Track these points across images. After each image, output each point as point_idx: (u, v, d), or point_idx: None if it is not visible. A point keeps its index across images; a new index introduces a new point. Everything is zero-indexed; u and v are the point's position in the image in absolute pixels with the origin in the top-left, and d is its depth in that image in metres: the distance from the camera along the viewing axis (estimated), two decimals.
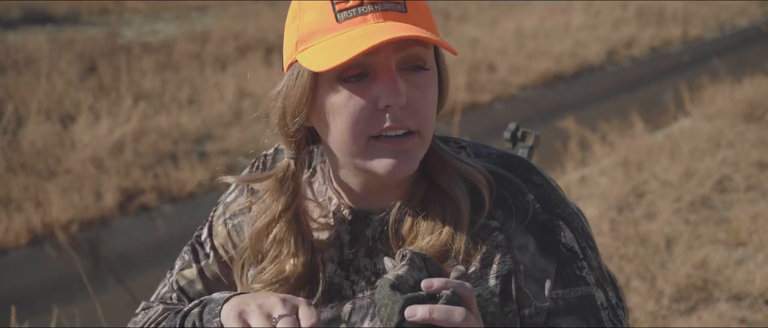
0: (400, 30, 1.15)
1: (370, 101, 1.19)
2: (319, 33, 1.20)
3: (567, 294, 1.25)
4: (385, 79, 1.18)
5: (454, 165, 1.27)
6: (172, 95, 7.34)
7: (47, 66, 7.51)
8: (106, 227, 5.13)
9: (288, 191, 1.30)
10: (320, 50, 1.18)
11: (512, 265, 1.24)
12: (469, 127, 7.06)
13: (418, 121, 1.21)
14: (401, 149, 1.20)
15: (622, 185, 5.23)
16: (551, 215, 1.26)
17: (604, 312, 1.27)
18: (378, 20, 1.18)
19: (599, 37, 10.31)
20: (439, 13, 11.70)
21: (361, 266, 1.30)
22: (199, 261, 1.43)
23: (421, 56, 1.21)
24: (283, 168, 1.31)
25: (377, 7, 1.18)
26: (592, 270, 1.28)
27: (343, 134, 1.21)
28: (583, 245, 1.28)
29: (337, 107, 1.20)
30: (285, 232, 1.30)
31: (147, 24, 11.40)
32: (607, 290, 1.30)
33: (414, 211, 1.27)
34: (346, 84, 1.19)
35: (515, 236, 1.25)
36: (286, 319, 1.12)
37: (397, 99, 1.18)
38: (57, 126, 6.18)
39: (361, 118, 1.19)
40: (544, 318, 1.25)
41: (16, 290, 4.55)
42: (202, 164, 5.88)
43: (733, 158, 5.73)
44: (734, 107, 7.02)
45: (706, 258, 4.13)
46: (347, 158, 1.24)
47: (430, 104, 1.22)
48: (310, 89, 1.22)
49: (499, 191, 1.27)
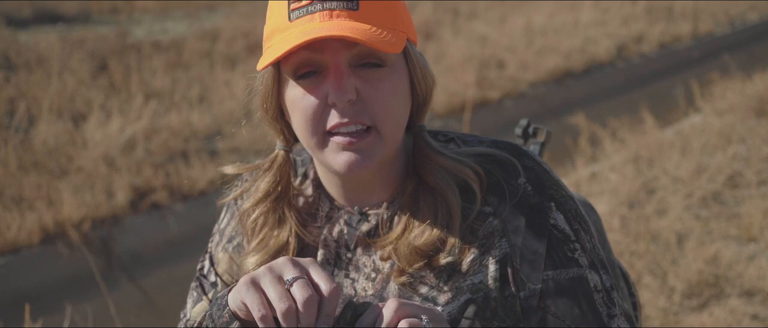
0: (338, 29, 1.17)
1: (321, 97, 1.22)
2: (276, 32, 1.24)
3: (558, 275, 1.25)
4: (332, 76, 1.21)
5: (439, 162, 1.29)
6: (183, 94, 7.36)
7: (58, 65, 7.54)
8: (117, 225, 5.15)
9: (274, 178, 1.35)
10: (272, 48, 1.22)
11: (508, 248, 1.26)
12: (479, 124, 7.06)
13: (372, 117, 1.22)
14: (356, 147, 1.22)
15: (632, 181, 5.22)
16: (543, 197, 1.27)
17: (598, 295, 1.27)
18: (324, 19, 1.20)
19: (608, 33, 10.28)
20: (448, 11, 11.68)
21: (360, 263, 1.32)
22: (206, 293, 1.45)
23: (374, 54, 1.22)
24: (272, 157, 1.37)
25: (326, 5, 1.21)
26: (586, 252, 1.28)
27: (301, 129, 1.25)
28: (576, 227, 1.28)
29: (295, 103, 1.25)
30: (268, 210, 1.35)
31: (157, 23, 11.43)
32: (602, 274, 1.29)
33: (406, 207, 1.29)
34: (300, 81, 1.23)
35: (509, 219, 1.26)
36: (300, 282, 1.09)
37: (340, 95, 1.20)
38: (68, 125, 6.21)
39: (315, 114, 1.23)
40: (537, 300, 1.25)
41: (29, 288, 4.58)
42: (213, 162, 5.90)
43: (744, 154, 5.72)
44: (745, 102, 6.99)
45: (718, 254, 4.12)
46: (312, 153, 1.28)
47: (385, 100, 1.23)
48: (273, 86, 1.27)
49: (491, 176, 1.28)
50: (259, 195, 1.36)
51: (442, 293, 1.26)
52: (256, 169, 1.39)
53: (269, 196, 1.35)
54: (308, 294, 1.07)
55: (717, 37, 11.26)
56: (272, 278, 1.10)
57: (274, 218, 1.35)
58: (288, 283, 1.09)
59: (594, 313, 1.26)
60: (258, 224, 1.36)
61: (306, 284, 1.08)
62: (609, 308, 1.28)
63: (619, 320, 1.28)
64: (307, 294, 1.07)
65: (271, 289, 1.09)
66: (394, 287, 1.28)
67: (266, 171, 1.36)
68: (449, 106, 7.46)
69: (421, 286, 1.27)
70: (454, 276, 1.26)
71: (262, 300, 1.09)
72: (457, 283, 1.26)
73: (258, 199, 1.36)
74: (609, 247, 1.64)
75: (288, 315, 1.07)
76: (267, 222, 1.35)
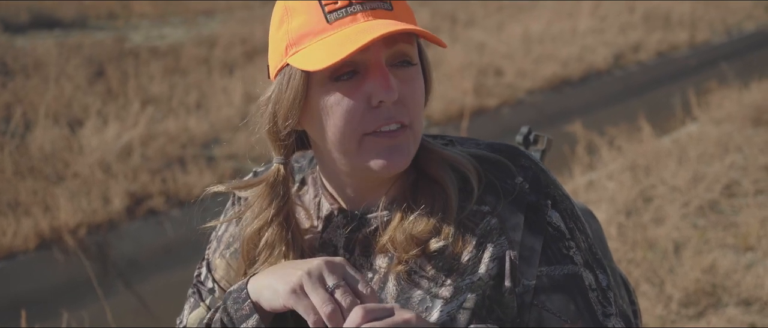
0: (392, 26, 1.18)
1: (362, 98, 1.22)
2: (310, 35, 1.22)
3: (552, 271, 1.25)
4: (378, 76, 1.21)
5: (441, 153, 1.30)
6: (180, 100, 7.35)
7: (55, 70, 7.54)
8: (114, 231, 5.14)
9: (279, 195, 1.32)
10: (314, 51, 1.20)
11: (507, 245, 1.26)
12: (477, 131, 7.06)
13: (409, 115, 1.24)
14: (395, 144, 1.23)
15: (629, 190, 5.22)
16: (539, 195, 1.28)
17: (593, 293, 1.27)
18: (368, 18, 1.21)
19: (606, 41, 10.30)
20: (446, 18, 11.70)
21: (358, 264, 1.32)
22: (204, 299, 1.44)
23: (408, 52, 1.24)
24: (274, 173, 1.33)
25: (366, 6, 1.21)
26: (581, 251, 1.28)
27: (338, 133, 1.23)
28: (571, 225, 1.29)
29: (331, 106, 1.22)
30: (276, 235, 1.32)
31: (154, 28, 11.43)
32: (598, 273, 1.29)
33: (404, 201, 1.29)
34: (338, 83, 1.22)
35: (507, 217, 1.27)
36: (342, 290, 1.17)
37: (390, 94, 1.20)
38: (65, 130, 6.20)
39: (355, 116, 1.22)
40: (531, 297, 1.25)
41: (25, 294, 4.57)
42: (210, 169, 5.89)
43: (742, 163, 5.72)
44: (742, 111, 7.00)
45: (715, 263, 4.12)
46: (342, 157, 1.26)
47: (419, 98, 1.25)
48: (303, 91, 1.24)
49: (488, 177, 1.29)
50: (265, 219, 1.32)
51: (442, 288, 1.26)
52: (250, 187, 1.35)
53: (276, 219, 1.32)
54: (350, 299, 1.16)
55: (714, 46, 11.28)
56: (314, 284, 1.18)
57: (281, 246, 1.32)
58: (330, 289, 1.17)
59: (589, 311, 1.26)
60: (263, 253, 1.33)
61: (347, 290, 1.17)
62: (604, 306, 1.28)
63: (615, 320, 1.28)
64: (349, 300, 1.16)
65: (315, 295, 1.17)
66: (392, 288, 1.28)
67: (271, 188, 1.32)
68: (447, 114, 7.46)
69: (421, 280, 1.27)
70: (452, 274, 1.26)
71: (312, 305, 1.17)
72: (456, 282, 1.26)
73: (265, 223, 1.32)
74: (610, 255, 1.64)
75: (334, 317, 1.15)
76: (274, 251, 1.32)
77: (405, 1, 1.27)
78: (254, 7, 12.46)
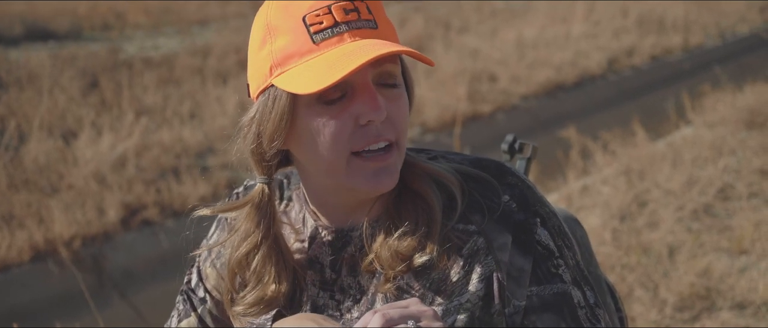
0: (379, 46, 1.17)
1: (350, 119, 1.21)
2: (296, 56, 1.20)
3: (542, 291, 1.25)
4: (366, 96, 1.20)
5: (425, 168, 1.30)
6: (174, 110, 7.35)
7: (49, 82, 7.53)
8: (108, 243, 5.13)
9: (266, 216, 1.31)
10: (301, 73, 1.19)
11: (494, 265, 1.25)
12: (471, 138, 7.06)
13: (396, 133, 1.24)
14: (383, 166, 1.23)
15: (624, 194, 5.22)
16: (527, 214, 1.27)
17: (582, 311, 1.27)
18: (354, 38, 1.20)
19: (600, 46, 10.31)
20: (439, 24, 11.71)
21: (346, 284, 1.31)
22: (195, 308, 1.43)
23: (393, 72, 1.23)
24: (258, 193, 1.32)
25: (352, 25, 1.20)
26: (569, 268, 1.28)
27: (326, 153, 1.22)
28: (560, 243, 1.28)
29: (319, 128, 1.21)
30: (266, 258, 1.31)
31: (148, 39, 11.43)
32: (586, 290, 1.29)
33: (388, 218, 1.29)
34: (328, 106, 1.21)
35: (494, 237, 1.26)
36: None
37: (379, 114, 1.20)
38: (59, 142, 6.19)
39: (344, 136, 1.21)
40: (521, 318, 1.25)
41: (18, 307, 4.55)
42: (205, 179, 5.89)
43: (735, 166, 5.73)
44: (736, 115, 7.01)
45: (709, 266, 4.12)
46: (328, 178, 1.25)
47: (404, 116, 1.25)
48: (289, 112, 1.22)
49: (473, 195, 1.28)
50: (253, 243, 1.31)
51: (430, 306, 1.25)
52: (235, 209, 1.34)
53: (264, 242, 1.31)
54: None
55: (708, 49, 11.31)
56: None
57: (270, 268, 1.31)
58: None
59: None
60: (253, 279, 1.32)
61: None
62: (593, 323, 1.28)
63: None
64: None
65: None
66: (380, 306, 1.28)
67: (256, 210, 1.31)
68: (441, 120, 7.46)
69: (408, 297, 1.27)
70: (441, 293, 1.26)
71: None
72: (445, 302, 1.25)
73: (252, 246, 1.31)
74: (596, 262, 1.64)
75: None
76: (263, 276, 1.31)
77: (388, 18, 1.26)
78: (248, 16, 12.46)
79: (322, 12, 1.20)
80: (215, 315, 1.43)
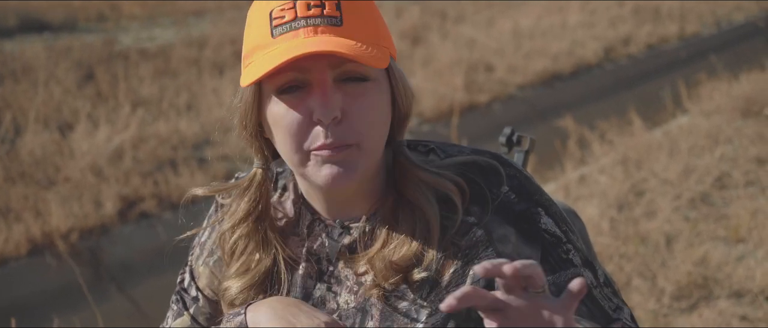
0: (324, 44, 1.17)
1: (305, 113, 1.21)
2: (258, 49, 1.23)
3: (557, 279, 1.24)
4: (318, 92, 1.20)
5: (419, 176, 1.28)
6: (171, 101, 7.33)
7: (45, 74, 7.51)
8: (106, 235, 5.13)
9: (254, 198, 1.33)
10: (255, 66, 1.21)
11: (495, 257, 1.24)
12: (468, 128, 7.06)
13: (356, 135, 1.21)
14: (337, 159, 1.21)
15: (621, 184, 5.23)
16: (529, 203, 1.27)
17: (596, 290, 1.27)
18: (309, 35, 1.20)
19: (596, 35, 10.30)
20: (435, 14, 11.69)
21: (342, 276, 1.31)
22: (188, 308, 1.44)
23: (358, 70, 1.21)
24: (250, 176, 1.35)
25: (310, 21, 1.20)
26: (578, 251, 1.28)
27: (284, 146, 1.24)
28: (564, 228, 1.28)
29: (277, 119, 1.23)
30: (250, 231, 1.33)
31: (144, 30, 11.40)
32: (596, 268, 1.29)
33: (386, 221, 1.28)
34: (283, 96, 1.22)
35: (494, 228, 1.25)
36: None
37: (327, 112, 1.19)
38: (55, 134, 6.18)
39: (299, 130, 1.22)
40: None
41: (16, 300, 4.55)
42: (202, 170, 5.88)
43: (732, 154, 5.74)
44: (732, 103, 7.02)
45: (707, 255, 4.13)
46: (294, 169, 1.27)
47: (369, 114, 1.22)
48: (253, 103, 1.26)
49: (474, 185, 1.27)
50: (238, 216, 1.34)
51: (422, 308, 1.26)
52: (231, 190, 1.37)
53: (249, 216, 1.33)
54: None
55: (704, 37, 11.31)
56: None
57: (255, 241, 1.34)
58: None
59: (599, 309, 1.26)
60: (238, 247, 1.35)
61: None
62: (611, 300, 1.28)
63: (625, 311, 1.29)
64: None
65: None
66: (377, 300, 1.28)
67: (245, 190, 1.34)
68: (438, 111, 7.45)
69: (399, 301, 1.27)
70: (435, 289, 1.26)
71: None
72: (439, 296, 1.25)
73: (238, 220, 1.34)
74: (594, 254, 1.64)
75: None
76: (248, 245, 1.34)
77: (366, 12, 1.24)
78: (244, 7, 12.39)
79: (288, 6, 1.21)
80: (207, 313, 1.44)
